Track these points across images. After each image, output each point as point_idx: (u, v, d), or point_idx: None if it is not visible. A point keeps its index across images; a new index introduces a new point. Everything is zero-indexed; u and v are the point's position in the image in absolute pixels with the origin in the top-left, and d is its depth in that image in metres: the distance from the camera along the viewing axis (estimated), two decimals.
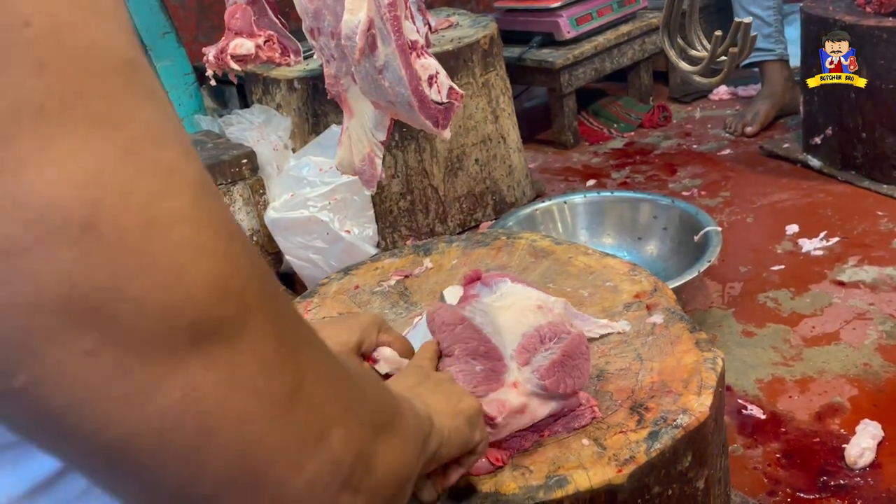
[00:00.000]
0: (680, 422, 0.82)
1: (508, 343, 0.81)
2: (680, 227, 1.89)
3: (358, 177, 1.36)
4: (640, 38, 2.93)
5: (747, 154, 2.61)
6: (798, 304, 1.82)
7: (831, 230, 2.09)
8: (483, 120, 2.28)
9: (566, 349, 0.79)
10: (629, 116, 3.00)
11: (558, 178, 2.68)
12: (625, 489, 0.77)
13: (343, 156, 1.36)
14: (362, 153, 1.32)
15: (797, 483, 1.35)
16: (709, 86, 2.00)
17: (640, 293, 1.06)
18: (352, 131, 1.33)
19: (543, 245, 1.23)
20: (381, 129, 1.29)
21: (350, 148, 1.34)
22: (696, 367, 0.90)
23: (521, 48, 2.77)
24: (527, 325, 0.82)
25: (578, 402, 0.84)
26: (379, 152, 1.32)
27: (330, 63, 1.27)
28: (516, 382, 0.79)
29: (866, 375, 1.57)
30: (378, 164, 1.32)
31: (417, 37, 1.13)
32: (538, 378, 0.78)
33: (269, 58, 1.99)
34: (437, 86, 1.14)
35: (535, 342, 0.80)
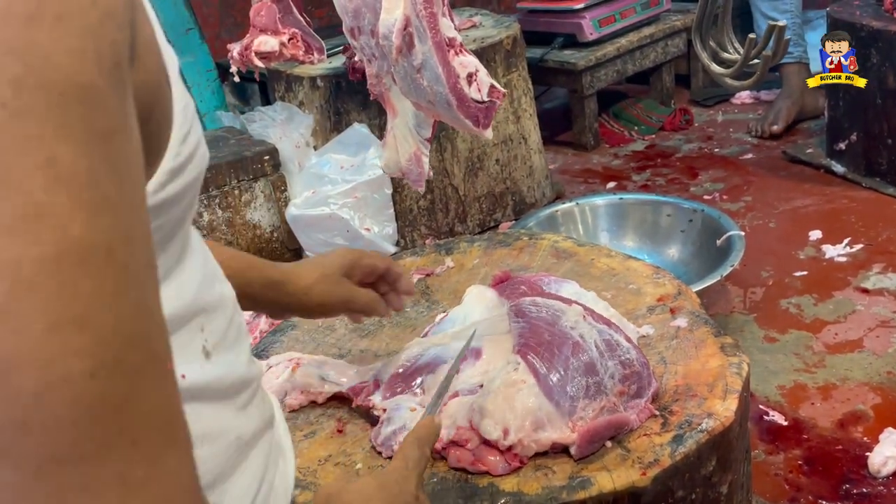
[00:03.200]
0: (705, 426, 0.81)
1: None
2: (702, 231, 1.88)
3: (406, 177, 1.35)
4: (663, 41, 2.91)
5: (770, 159, 2.59)
6: (821, 311, 1.80)
7: (855, 237, 2.07)
8: (504, 120, 2.27)
9: (613, 422, 0.80)
10: (650, 119, 2.98)
11: (578, 180, 2.67)
12: (648, 492, 0.77)
13: (389, 156, 1.35)
14: (408, 152, 1.31)
15: (819, 490, 1.33)
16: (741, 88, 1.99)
17: (663, 296, 1.06)
18: (396, 131, 1.32)
19: (566, 246, 1.22)
20: (425, 127, 1.28)
21: (395, 148, 1.33)
22: (721, 372, 0.89)
23: (544, 49, 2.76)
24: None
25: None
26: (425, 150, 1.30)
27: (371, 62, 1.26)
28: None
29: (890, 384, 1.55)
30: (425, 162, 1.31)
31: (455, 34, 1.12)
32: (572, 430, 0.79)
33: (292, 55, 2.00)
34: (477, 83, 1.12)
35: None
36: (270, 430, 0.59)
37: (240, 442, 0.52)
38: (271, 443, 0.58)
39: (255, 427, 0.55)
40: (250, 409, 0.54)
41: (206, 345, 0.48)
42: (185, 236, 0.47)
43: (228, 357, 0.51)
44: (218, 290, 0.52)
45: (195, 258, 0.49)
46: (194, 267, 0.49)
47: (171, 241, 0.45)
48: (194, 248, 0.50)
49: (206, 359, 0.48)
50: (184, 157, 0.43)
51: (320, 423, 0.92)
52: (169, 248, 0.45)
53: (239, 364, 0.53)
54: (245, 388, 0.54)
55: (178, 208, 0.44)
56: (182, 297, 0.46)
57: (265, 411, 0.58)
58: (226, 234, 2.03)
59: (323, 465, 0.85)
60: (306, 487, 0.81)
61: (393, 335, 1.07)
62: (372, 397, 0.89)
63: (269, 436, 0.58)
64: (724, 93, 3.05)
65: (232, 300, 0.55)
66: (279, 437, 0.65)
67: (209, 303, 0.50)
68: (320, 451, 0.87)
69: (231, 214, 2.03)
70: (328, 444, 0.88)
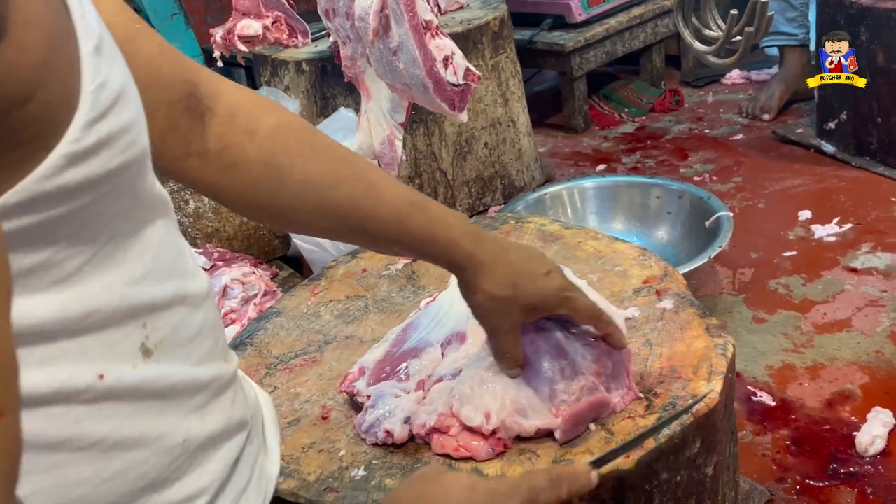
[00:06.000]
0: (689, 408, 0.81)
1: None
2: (691, 213, 1.87)
3: (378, 160, 1.35)
4: (653, 21, 2.89)
5: (760, 139, 2.58)
6: (810, 291, 1.81)
7: (844, 216, 2.07)
8: (493, 103, 2.26)
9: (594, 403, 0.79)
10: (640, 100, 2.97)
11: (568, 163, 2.66)
12: (633, 475, 0.77)
13: (362, 139, 1.35)
14: (382, 136, 1.31)
15: (807, 470, 1.34)
16: (723, 67, 1.97)
17: (649, 278, 1.05)
18: (370, 114, 1.32)
19: (552, 229, 1.21)
20: (399, 111, 1.28)
21: (369, 131, 1.33)
22: (706, 353, 0.88)
23: (532, 31, 2.74)
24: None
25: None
26: (399, 134, 1.31)
27: (346, 45, 1.26)
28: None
29: (878, 363, 1.56)
30: (398, 145, 1.31)
31: (432, 16, 1.11)
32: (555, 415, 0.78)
33: (276, 39, 1.97)
34: (453, 67, 1.13)
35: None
36: (242, 432, 0.56)
37: (187, 446, 0.49)
38: (244, 447, 0.56)
39: (214, 430, 0.52)
40: (209, 411, 0.52)
41: (146, 342, 0.47)
42: (115, 229, 0.45)
43: (177, 356, 0.49)
44: (172, 287, 0.49)
45: (142, 254, 0.47)
46: (136, 262, 0.46)
47: (88, 231, 0.43)
48: (145, 245, 0.47)
49: (144, 357, 0.46)
50: (88, 143, 0.40)
51: (304, 411, 0.91)
52: (84, 238, 0.43)
53: (192, 364, 0.51)
54: (202, 389, 0.51)
55: (90, 197, 0.42)
56: (109, 294, 0.44)
57: (235, 413, 0.55)
58: (213, 221, 2.01)
59: (307, 453, 0.84)
60: (290, 475, 0.81)
61: (378, 321, 1.07)
62: (356, 384, 0.89)
63: (241, 438, 0.55)
64: (715, 73, 3.04)
65: (196, 298, 0.52)
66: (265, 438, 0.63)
67: (156, 300, 0.48)
68: (304, 439, 0.86)
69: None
70: (312, 432, 0.87)
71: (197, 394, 0.51)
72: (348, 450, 0.84)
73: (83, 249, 0.43)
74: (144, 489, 0.47)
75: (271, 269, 2.00)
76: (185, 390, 0.50)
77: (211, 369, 0.53)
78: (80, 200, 0.41)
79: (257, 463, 0.59)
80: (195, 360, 0.51)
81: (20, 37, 0.36)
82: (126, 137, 0.44)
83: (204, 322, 0.53)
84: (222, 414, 0.53)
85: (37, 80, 0.37)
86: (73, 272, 0.42)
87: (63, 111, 0.39)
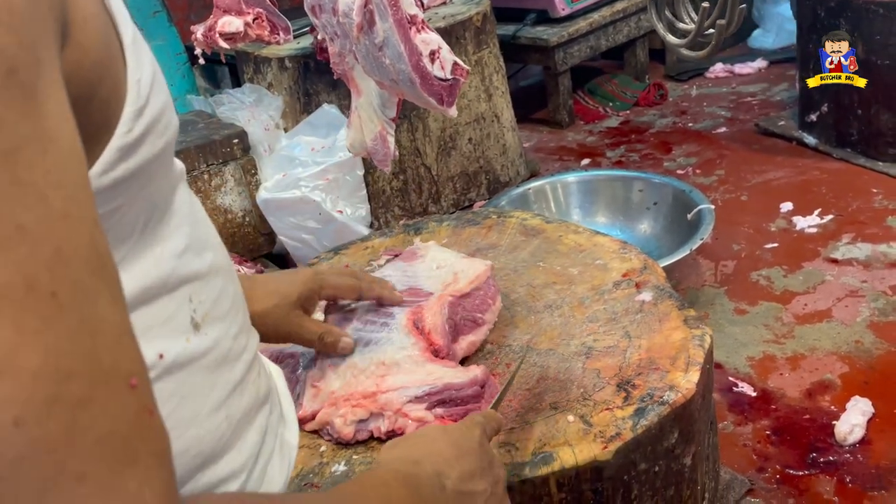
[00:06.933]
0: (666, 398, 0.82)
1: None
2: (673, 206, 1.88)
3: (371, 156, 1.34)
4: (636, 15, 2.90)
5: (743, 132, 2.60)
6: (791, 282, 1.82)
7: (825, 208, 2.09)
8: (476, 98, 2.26)
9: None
10: (625, 95, 2.98)
11: (553, 158, 2.67)
12: (611, 465, 0.77)
13: (354, 136, 1.34)
14: (373, 132, 1.30)
15: (786, 460, 1.36)
16: (696, 59, 1.98)
17: (629, 271, 1.06)
18: (361, 111, 1.30)
19: (534, 223, 1.22)
20: (390, 106, 1.27)
21: (360, 128, 1.32)
22: (683, 344, 0.89)
23: (516, 26, 2.74)
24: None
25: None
26: (390, 129, 1.29)
27: (334, 41, 1.25)
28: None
29: (858, 353, 1.57)
30: (391, 141, 1.30)
31: (417, 11, 1.10)
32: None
33: (258, 36, 1.97)
34: (440, 61, 1.11)
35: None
36: (267, 404, 0.57)
37: (230, 420, 0.50)
38: (269, 417, 0.57)
39: (248, 403, 0.53)
40: (246, 384, 0.53)
41: (194, 315, 0.47)
42: (162, 208, 0.45)
43: (219, 328, 0.50)
44: (209, 259, 0.50)
45: (180, 226, 0.47)
46: (177, 235, 0.47)
47: (140, 216, 0.43)
48: (180, 216, 0.48)
49: (195, 331, 0.47)
50: (137, 133, 0.41)
51: None
52: (137, 225, 0.43)
53: (230, 336, 0.51)
54: (239, 361, 0.52)
55: (139, 184, 0.42)
56: (160, 267, 0.45)
57: (261, 386, 0.56)
58: None
59: None
60: None
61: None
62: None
63: (267, 410, 0.56)
64: (699, 67, 3.06)
65: (226, 269, 0.53)
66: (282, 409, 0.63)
67: (197, 271, 0.48)
68: None
69: (201, 199, 2.01)
70: None
71: (236, 366, 0.52)
72: (329, 445, 0.84)
73: (134, 228, 0.43)
74: (200, 466, 0.48)
75: (256, 266, 1.99)
76: (227, 363, 0.50)
77: (244, 341, 0.54)
78: (131, 190, 0.41)
79: (278, 433, 0.60)
80: (233, 332, 0.52)
81: (80, 38, 0.35)
82: (163, 119, 0.44)
83: (235, 293, 0.54)
84: (254, 385, 0.54)
85: (97, 78, 0.37)
86: (126, 253, 0.43)
87: (114, 105, 0.39)
